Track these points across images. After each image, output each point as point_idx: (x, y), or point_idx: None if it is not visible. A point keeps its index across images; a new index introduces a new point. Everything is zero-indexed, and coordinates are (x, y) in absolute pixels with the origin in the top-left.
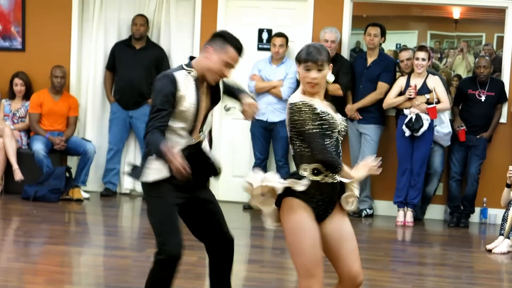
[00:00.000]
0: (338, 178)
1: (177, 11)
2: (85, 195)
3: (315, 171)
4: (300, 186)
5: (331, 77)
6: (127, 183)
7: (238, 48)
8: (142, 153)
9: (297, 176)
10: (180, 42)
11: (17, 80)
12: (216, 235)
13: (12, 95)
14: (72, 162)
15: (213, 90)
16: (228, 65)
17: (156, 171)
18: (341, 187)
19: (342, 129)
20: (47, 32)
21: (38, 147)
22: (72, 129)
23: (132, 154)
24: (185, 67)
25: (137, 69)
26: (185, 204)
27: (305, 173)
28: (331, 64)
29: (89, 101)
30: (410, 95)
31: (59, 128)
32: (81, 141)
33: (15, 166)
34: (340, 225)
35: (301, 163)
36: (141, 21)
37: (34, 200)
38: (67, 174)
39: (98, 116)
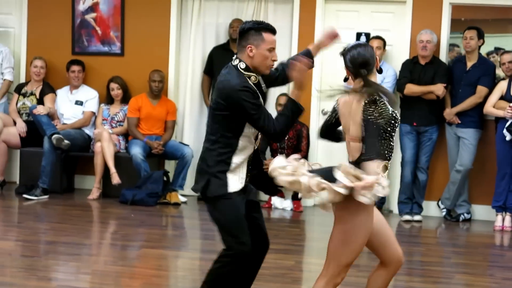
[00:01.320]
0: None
1: (274, 15)
2: (183, 199)
3: (384, 168)
4: (384, 190)
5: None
6: None
7: (270, 29)
8: (200, 169)
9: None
10: (277, 46)
11: (112, 85)
12: (256, 236)
13: (110, 100)
14: (170, 166)
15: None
16: (271, 50)
17: (233, 183)
18: None
19: None
20: (145, 37)
21: (136, 151)
22: (170, 133)
23: None
24: (244, 71)
25: None
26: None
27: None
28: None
29: (187, 105)
30: (509, 113)
31: (157, 132)
32: (179, 145)
33: (113, 170)
34: (376, 214)
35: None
36: (238, 25)
37: (132, 203)
38: (165, 178)
39: (195, 120)
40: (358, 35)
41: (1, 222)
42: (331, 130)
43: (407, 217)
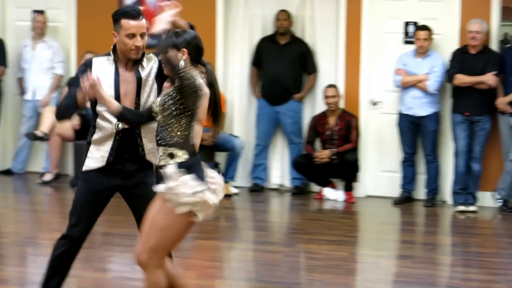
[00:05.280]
0: None
1: (321, 5)
2: (234, 190)
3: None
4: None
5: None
6: (275, 178)
7: (130, 15)
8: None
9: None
10: (324, 37)
11: None
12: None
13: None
14: (221, 157)
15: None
16: (131, 36)
17: (90, 161)
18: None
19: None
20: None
21: None
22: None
23: (279, 149)
24: (111, 52)
25: (282, 64)
26: (122, 190)
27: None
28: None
29: (236, 97)
30: None
31: (206, 124)
32: (229, 137)
33: None
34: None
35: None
36: (284, 16)
37: None
38: (216, 170)
39: (245, 112)
40: (406, 25)
41: (56, 214)
42: None
43: (462, 207)
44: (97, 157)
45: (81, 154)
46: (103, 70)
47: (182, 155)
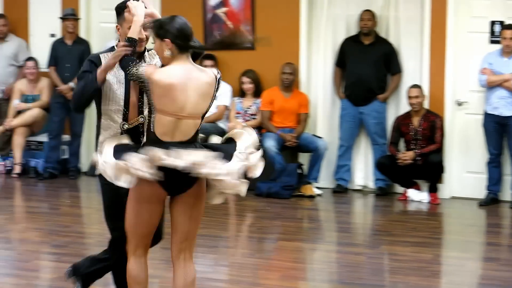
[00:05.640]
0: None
1: (405, 5)
2: (317, 191)
3: None
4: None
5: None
6: (359, 179)
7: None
8: None
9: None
10: (409, 37)
11: (244, 78)
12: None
13: (243, 93)
14: (304, 158)
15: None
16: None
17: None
18: None
19: None
20: (276, 30)
21: (270, 144)
22: (303, 126)
23: (363, 150)
24: (115, 47)
25: (366, 64)
26: None
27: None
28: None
29: (319, 98)
30: None
31: (290, 125)
32: (312, 137)
33: None
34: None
35: None
36: (368, 16)
37: (267, 196)
38: (299, 171)
39: (328, 112)
40: (492, 24)
41: None
42: None
43: None
44: None
45: None
46: (114, 70)
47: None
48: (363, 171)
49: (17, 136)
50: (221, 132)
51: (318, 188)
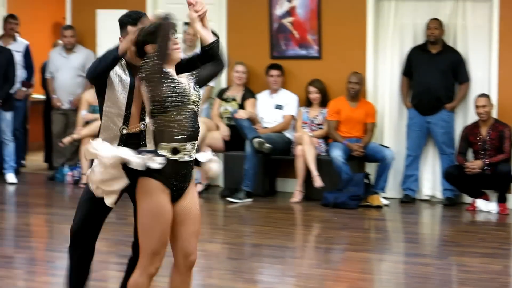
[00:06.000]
0: (194, 155)
1: (473, 14)
2: (385, 201)
3: (174, 150)
4: (156, 164)
5: None
6: (427, 190)
7: (133, 21)
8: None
9: (155, 154)
10: (477, 46)
11: (311, 88)
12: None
13: (309, 103)
14: (371, 168)
15: None
16: None
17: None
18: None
19: (196, 100)
20: (342, 39)
21: (337, 153)
22: (370, 135)
23: (431, 159)
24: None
25: (434, 74)
26: (129, 190)
27: (163, 152)
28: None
29: (386, 107)
30: None
31: (357, 135)
32: (379, 147)
33: (314, 173)
34: (189, 208)
35: (161, 142)
36: (435, 25)
37: (334, 206)
38: (366, 181)
39: (395, 122)
40: None
41: (207, 225)
42: None
43: None
44: None
45: (231, 165)
46: (119, 75)
47: None
48: (430, 181)
49: (85, 146)
50: (287, 142)
51: (385, 198)
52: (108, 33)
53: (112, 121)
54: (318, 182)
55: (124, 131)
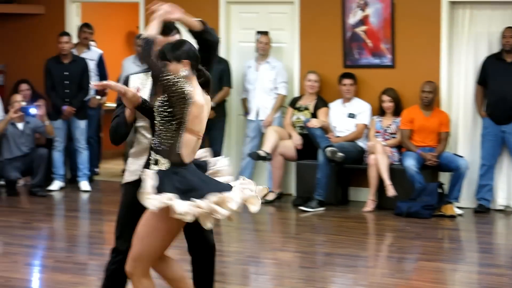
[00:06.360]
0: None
1: None
2: (458, 211)
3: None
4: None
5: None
6: (501, 200)
7: (161, 31)
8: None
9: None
10: None
11: (384, 97)
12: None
13: (382, 112)
14: (444, 178)
15: None
16: None
17: (128, 173)
18: None
19: None
20: (416, 48)
21: (410, 163)
22: (444, 144)
23: (505, 169)
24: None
25: (509, 82)
26: None
27: None
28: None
29: (460, 116)
30: None
31: (430, 144)
32: (453, 156)
33: (387, 182)
34: None
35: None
36: (511, 33)
37: (407, 216)
38: (440, 190)
39: (469, 131)
40: None
41: (280, 233)
42: None
43: None
44: (132, 170)
45: (304, 174)
46: (142, 85)
47: (164, 163)
48: (505, 191)
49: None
50: (360, 151)
51: (459, 208)
52: None
53: (142, 135)
54: (391, 191)
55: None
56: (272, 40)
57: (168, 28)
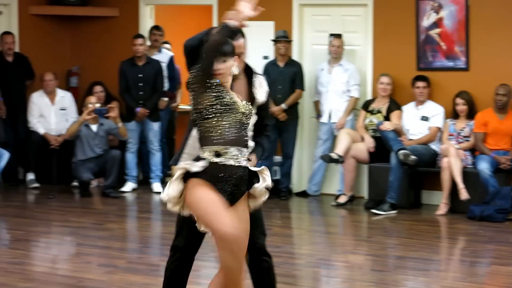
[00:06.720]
0: (243, 162)
1: None
2: None
3: (216, 154)
4: (195, 167)
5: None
6: None
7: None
8: None
9: (196, 159)
10: None
11: (458, 100)
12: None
13: (456, 115)
14: None
15: None
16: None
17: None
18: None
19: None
20: (490, 50)
21: (483, 166)
22: None
23: None
24: None
25: None
26: None
27: (205, 155)
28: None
29: None
30: None
31: (504, 147)
32: None
33: (460, 185)
34: (238, 220)
35: (204, 145)
36: None
37: (480, 219)
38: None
39: None
40: None
41: (351, 236)
42: None
43: None
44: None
45: (376, 177)
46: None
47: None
48: None
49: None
50: (433, 154)
51: None
52: (254, 44)
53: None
54: (464, 194)
55: None
56: (345, 43)
57: (233, 31)
